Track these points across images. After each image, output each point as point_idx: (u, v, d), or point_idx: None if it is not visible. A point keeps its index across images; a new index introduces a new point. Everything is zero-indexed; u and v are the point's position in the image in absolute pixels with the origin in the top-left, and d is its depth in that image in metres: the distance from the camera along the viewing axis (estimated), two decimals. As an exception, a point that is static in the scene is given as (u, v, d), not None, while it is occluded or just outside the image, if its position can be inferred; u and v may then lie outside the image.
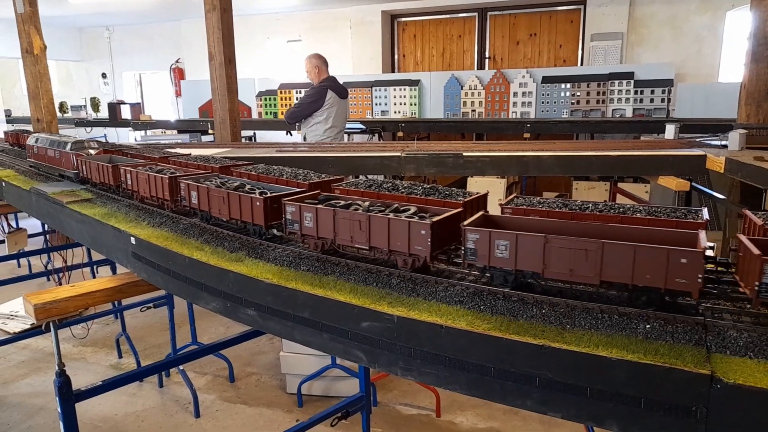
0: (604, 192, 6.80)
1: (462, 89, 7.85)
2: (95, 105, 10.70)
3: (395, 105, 8.31)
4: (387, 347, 1.35)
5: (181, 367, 4.22)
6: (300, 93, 8.44)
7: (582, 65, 8.54)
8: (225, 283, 1.71)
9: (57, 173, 3.32)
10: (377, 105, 8.39)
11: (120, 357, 4.72)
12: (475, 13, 9.32)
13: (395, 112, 8.31)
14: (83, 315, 4.78)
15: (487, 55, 9.38)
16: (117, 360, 4.69)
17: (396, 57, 10.07)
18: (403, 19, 9.90)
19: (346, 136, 7.01)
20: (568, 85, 7.20)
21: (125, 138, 10.52)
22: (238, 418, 3.85)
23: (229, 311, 1.74)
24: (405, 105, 8.25)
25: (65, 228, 2.77)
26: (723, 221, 4.15)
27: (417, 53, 9.93)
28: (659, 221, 1.39)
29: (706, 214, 1.40)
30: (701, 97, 6.64)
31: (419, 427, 3.71)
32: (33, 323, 4.92)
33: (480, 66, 9.39)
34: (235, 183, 2.08)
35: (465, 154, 3.91)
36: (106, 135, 10.90)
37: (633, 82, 6.92)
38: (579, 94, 7.16)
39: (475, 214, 1.49)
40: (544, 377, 1.13)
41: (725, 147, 3.86)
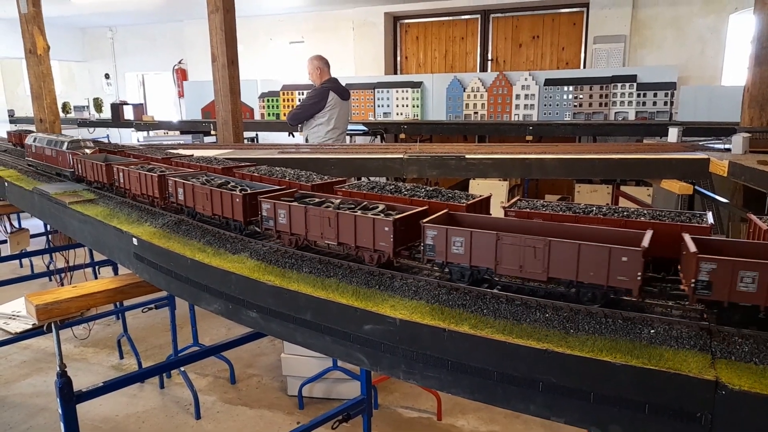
0: (606, 195, 6.79)
1: (464, 91, 7.84)
2: (98, 105, 10.71)
3: (397, 107, 8.30)
4: (389, 350, 1.34)
5: (183, 369, 4.22)
6: (302, 94, 8.44)
7: (585, 68, 8.53)
8: (227, 285, 1.71)
9: (54, 172, 3.38)
10: (379, 107, 8.39)
11: (121, 358, 4.72)
12: (478, 15, 9.32)
13: (397, 113, 8.31)
14: (85, 315, 4.78)
15: (490, 57, 9.38)
16: (118, 361, 4.69)
17: (398, 59, 10.07)
18: (406, 21, 9.90)
19: (348, 137, 7.01)
20: (570, 88, 7.19)
21: (128, 139, 10.54)
22: (239, 419, 3.84)
23: (231, 313, 1.74)
24: (407, 107, 8.24)
25: (67, 228, 2.77)
26: (726, 225, 4.14)
27: (419, 55, 9.93)
28: (663, 225, 1.38)
29: (710, 218, 1.39)
30: (704, 101, 6.62)
31: (420, 430, 3.70)
32: (35, 323, 4.93)
33: (482, 68, 9.39)
34: (219, 180, 2.14)
35: (467, 156, 3.90)
36: (108, 135, 10.91)
37: (636, 84, 6.91)
38: (581, 96, 7.15)
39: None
40: (547, 382, 1.12)
41: (728, 150, 3.85)
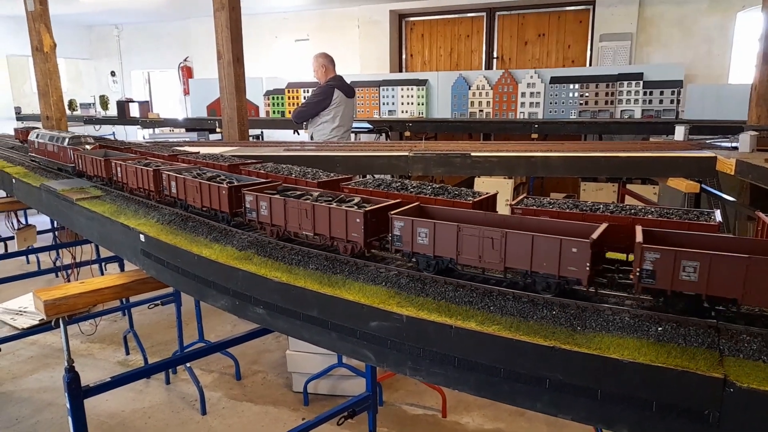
0: (612, 193, 6.77)
1: (470, 89, 7.83)
2: (104, 103, 10.75)
3: (402, 104, 8.30)
4: (395, 347, 1.35)
5: (188, 365, 4.24)
6: (307, 92, 8.44)
7: (590, 66, 8.50)
8: (233, 281, 1.72)
9: (56, 167, 3.45)
10: (384, 104, 8.38)
11: (127, 354, 4.75)
12: (484, 13, 9.30)
13: (402, 111, 8.30)
14: (91, 311, 4.81)
15: (495, 55, 9.36)
16: (124, 357, 4.71)
17: (404, 56, 10.06)
18: (411, 19, 9.89)
19: (353, 135, 7.01)
20: (576, 86, 7.17)
21: (133, 136, 10.57)
22: (244, 415, 3.86)
23: (238, 309, 1.75)
24: (412, 105, 8.24)
25: (74, 225, 2.78)
26: (733, 224, 4.12)
27: (425, 53, 9.91)
28: (671, 223, 1.38)
29: (718, 216, 1.39)
30: (711, 99, 6.59)
31: (425, 428, 3.70)
32: (42, 319, 4.96)
33: (488, 66, 9.37)
34: (210, 174, 2.22)
35: (473, 154, 3.90)
36: (114, 133, 10.96)
37: (642, 82, 6.88)
38: (587, 94, 7.12)
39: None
40: (554, 379, 1.12)
41: (736, 149, 3.84)
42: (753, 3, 7.13)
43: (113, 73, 12.72)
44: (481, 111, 7.79)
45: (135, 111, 9.49)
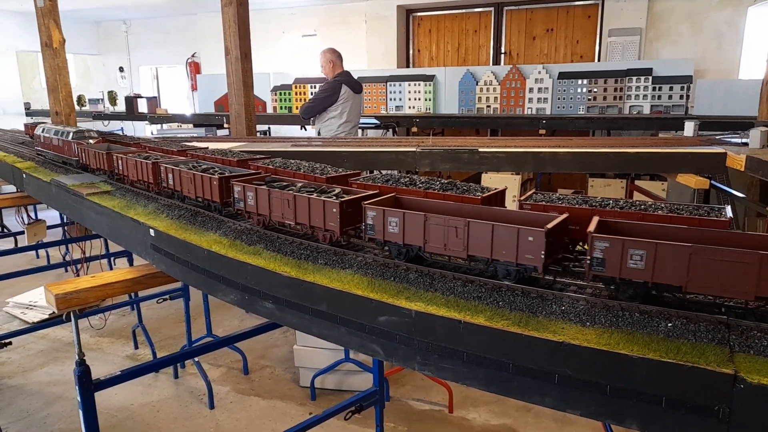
0: (620, 189, 6.74)
1: (477, 85, 7.80)
2: (112, 98, 10.80)
3: (410, 100, 8.29)
4: (404, 341, 1.35)
5: (197, 359, 4.27)
6: (315, 88, 8.44)
7: (599, 61, 8.45)
8: (243, 276, 1.72)
9: (61, 160, 3.54)
10: (392, 100, 8.37)
11: (136, 348, 4.78)
12: (491, 8, 9.26)
13: (410, 107, 8.29)
14: (101, 306, 4.85)
15: (503, 51, 9.32)
16: (133, 351, 4.75)
17: (411, 52, 10.04)
18: (419, 14, 9.86)
19: (360, 131, 7.01)
20: (584, 81, 7.13)
21: (141, 132, 10.62)
22: (251, 410, 3.88)
23: (247, 304, 1.76)
24: (420, 100, 8.22)
25: (84, 219, 2.80)
26: (742, 220, 4.09)
27: (432, 48, 9.89)
28: (681, 219, 1.37)
29: (729, 212, 1.38)
30: (721, 94, 6.53)
31: (432, 423, 3.71)
32: (52, 313, 5.00)
33: (495, 61, 9.33)
34: (204, 166, 2.30)
35: (481, 149, 3.89)
36: (123, 128, 11.01)
37: (651, 78, 6.84)
38: (596, 90, 7.09)
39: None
40: (563, 374, 1.12)
41: (746, 145, 3.80)
42: (764, -3, 7.05)
43: (121, 69, 12.77)
44: (489, 107, 7.77)
45: (143, 107, 9.53)
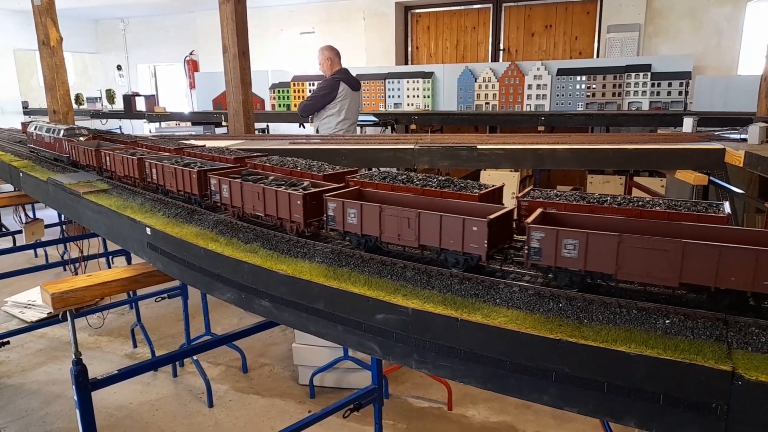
0: (619, 186, 6.72)
1: (476, 81, 7.79)
2: (110, 97, 10.77)
3: (408, 97, 8.27)
4: (401, 339, 1.35)
5: (195, 357, 4.26)
6: (313, 85, 8.43)
7: (598, 57, 8.43)
8: (239, 274, 1.72)
9: (53, 157, 3.59)
10: (390, 97, 8.36)
11: (135, 347, 4.78)
12: (490, 5, 9.23)
13: (408, 104, 8.28)
14: (99, 305, 4.84)
15: (502, 47, 9.29)
16: (132, 350, 4.74)
17: (409, 49, 10.01)
18: (417, 11, 9.83)
19: (358, 128, 7.00)
20: (583, 78, 7.12)
21: (140, 130, 10.60)
22: (250, 408, 3.88)
23: (244, 302, 1.75)
24: (418, 97, 8.21)
25: (82, 218, 2.80)
26: (741, 216, 4.08)
27: (431, 45, 9.86)
28: (679, 215, 1.36)
29: (727, 207, 1.37)
30: (720, 90, 6.52)
31: (431, 420, 3.71)
32: (50, 312, 5.00)
33: (494, 58, 9.31)
34: (186, 161, 2.38)
35: (479, 146, 3.88)
36: (121, 126, 10.98)
37: (650, 74, 6.82)
38: (595, 86, 7.07)
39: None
40: (561, 372, 1.12)
41: (744, 141, 3.80)
42: (763, -7, 7.04)
43: (119, 67, 12.74)
44: (488, 103, 7.75)
45: (141, 105, 9.51)
